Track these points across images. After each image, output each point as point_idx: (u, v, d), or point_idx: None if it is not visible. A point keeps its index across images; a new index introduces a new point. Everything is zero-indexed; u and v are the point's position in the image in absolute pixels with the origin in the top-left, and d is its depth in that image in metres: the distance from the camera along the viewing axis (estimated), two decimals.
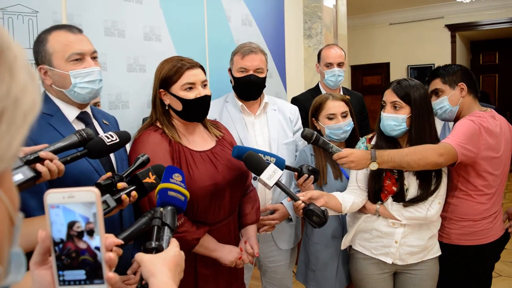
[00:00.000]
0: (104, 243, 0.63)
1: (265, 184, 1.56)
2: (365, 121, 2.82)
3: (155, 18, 2.48)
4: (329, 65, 2.68)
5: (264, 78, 2.07)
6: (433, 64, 7.38)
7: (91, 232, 0.62)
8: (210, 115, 1.98)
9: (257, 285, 2.88)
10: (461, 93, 1.90)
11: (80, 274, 0.62)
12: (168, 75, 1.58)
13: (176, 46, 2.60)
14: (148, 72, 2.42)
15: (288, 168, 1.80)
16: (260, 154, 1.65)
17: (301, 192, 1.66)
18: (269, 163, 1.59)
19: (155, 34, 2.49)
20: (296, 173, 1.85)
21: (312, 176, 1.82)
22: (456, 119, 1.94)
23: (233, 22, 3.05)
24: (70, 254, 0.62)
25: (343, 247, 1.92)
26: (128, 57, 2.34)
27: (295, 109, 2.25)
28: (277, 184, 1.57)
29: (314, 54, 3.42)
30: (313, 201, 1.63)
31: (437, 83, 1.96)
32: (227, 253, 1.60)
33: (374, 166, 1.66)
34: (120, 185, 1.17)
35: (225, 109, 2.11)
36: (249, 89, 2.05)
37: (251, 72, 2.02)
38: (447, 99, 1.92)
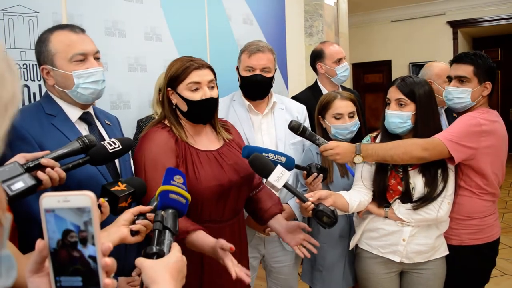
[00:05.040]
0: (101, 249, 0.61)
1: (272, 187, 1.54)
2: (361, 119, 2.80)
3: (156, 17, 2.47)
4: (339, 61, 2.63)
5: (271, 78, 2.04)
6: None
7: (84, 241, 0.60)
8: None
9: (262, 285, 2.87)
10: (483, 92, 1.81)
11: (77, 280, 0.61)
12: (175, 74, 1.56)
13: (177, 45, 2.59)
14: (149, 72, 2.41)
15: (297, 167, 1.77)
16: (270, 154, 1.63)
17: (309, 193, 1.64)
18: (276, 164, 1.57)
19: (156, 34, 2.48)
20: (304, 172, 1.83)
21: (321, 175, 1.79)
22: (460, 113, 1.90)
23: (234, 21, 3.04)
24: (64, 261, 0.60)
25: (350, 247, 1.91)
26: (128, 57, 2.33)
27: (302, 108, 2.21)
28: (285, 185, 1.55)
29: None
30: (321, 201, 1.61)
31: (467, 70, 1.80)
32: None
33: (358, 159, 1.69)
34: None
35: (231, 108, 2.08)
36: (255, 88, 2.03)
37: (257, 72, 1.98)
38: (470, 92, 1.79)
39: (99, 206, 1.09)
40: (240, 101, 2.09)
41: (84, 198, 0.60)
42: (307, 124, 2.19)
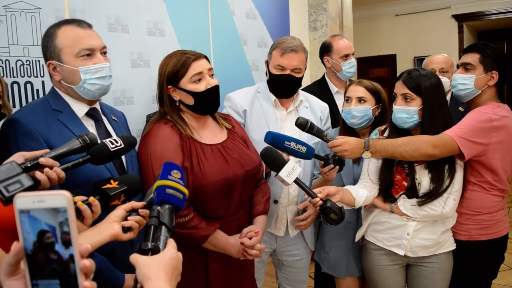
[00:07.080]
0: (78, 251, 0.59)
1: (283, 181, 1.54)
2: None
3: (158, 12, 2.46)
4: (345, 57, 2.61)
5: (301, 78, 1.99)
6: None
7: (59, 242, 0.58)
8: (241, 105, 1.95)
9: (270, 281, 2.87)
10: (489, 81, 1.81)
11: (54, 283, 0.59)
12: (174, 70, 1.55)
13: (180, 40, 2.58)
14: (153, 67, 2.40)
15: (316, 156, 1.77)
16: (292, 143, 1.62)
17: (318, 188, 1.65)
18: (297, 153, 1.57)
19: (158, 29, 2.47)
20: (322, 162, 1.81)
21: (337, 167, 1.79)
22: (469, 107, 1.88)
23: (237, 15, 3.02)
24: (40, 264, 0.59)
25: (357, 239, 1.93)
26: (132, 52, 2.32)
27: (325, 107, 2.18)
28: (296, 181, 1.55)
29: (319, 46, 3.38)
30: (329, 197, 1.63)
31: (473, 58, 1.83)
32: (236, 252, 1.58)
33: (367, 155, 1.69)
34: (77, 198, 1.07)
35: (256, 100, 2.03)
36: (283, 88, 1.98)
37: (288, 72, 1.93)
38: (474, 79, 1.80)
39: (89, 205, 1.05)
40: (265, 94, 2.04)
41: (60, 198, 0.58)
42: (329, 124, 2.17)
